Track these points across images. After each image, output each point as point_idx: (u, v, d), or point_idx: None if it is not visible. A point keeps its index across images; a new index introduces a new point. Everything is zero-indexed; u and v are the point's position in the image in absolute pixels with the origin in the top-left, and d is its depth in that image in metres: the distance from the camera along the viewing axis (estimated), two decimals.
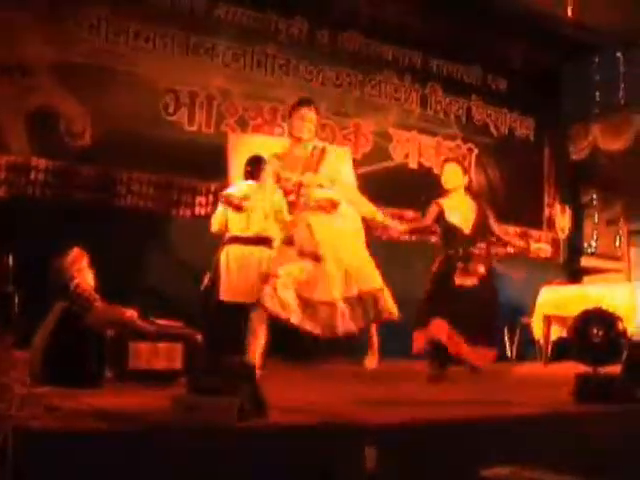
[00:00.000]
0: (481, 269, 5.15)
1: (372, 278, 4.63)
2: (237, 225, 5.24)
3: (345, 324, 4.44)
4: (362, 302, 4.54)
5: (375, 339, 4.95)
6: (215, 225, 5.37)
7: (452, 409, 3.36)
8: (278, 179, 4.57)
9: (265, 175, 4.65)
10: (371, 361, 4.98)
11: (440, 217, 5.25)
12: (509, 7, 7.33)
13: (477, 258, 5.20)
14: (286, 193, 4.66)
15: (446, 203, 5.27)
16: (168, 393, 2.83)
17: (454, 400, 3.73)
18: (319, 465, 2.47)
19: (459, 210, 5.25)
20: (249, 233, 5.22)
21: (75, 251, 3.97)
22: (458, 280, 5.07)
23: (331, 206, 4.57)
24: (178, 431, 2.45)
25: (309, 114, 4.60)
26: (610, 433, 3.25)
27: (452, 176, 5.29)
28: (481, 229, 5.29)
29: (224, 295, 5.15)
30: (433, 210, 5.29)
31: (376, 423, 2.81)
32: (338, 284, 4.46)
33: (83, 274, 3.92)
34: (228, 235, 5.28)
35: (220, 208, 5.36)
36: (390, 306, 4.66)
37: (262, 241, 5.22)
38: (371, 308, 4.56)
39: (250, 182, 5.21)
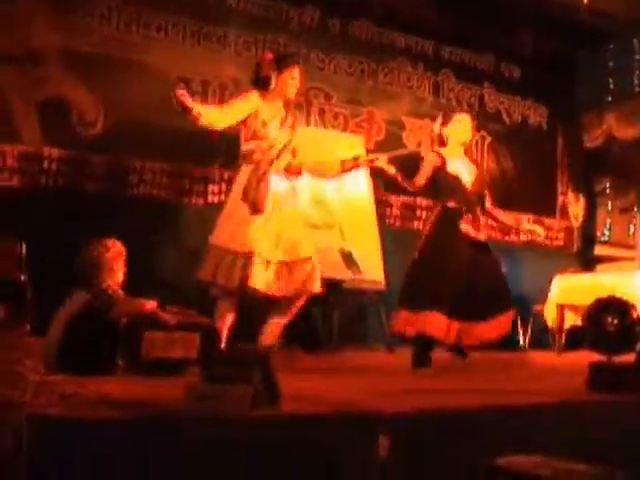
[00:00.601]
0: (483, 233, 4.70)
1: (299, 249, 4.30)
2: None
3: (257, 282, 4.14)
4: (285, 270, 4.25)
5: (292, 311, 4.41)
6: None
7: (465, 398, 3.35)
8: (256, 117, 4.32)
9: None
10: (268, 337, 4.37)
11: (440, 169, 4.71)
12: None
13: (481, 218, 4.73)
14: (257, 137, 4.34)
15: (447, 153, 4.77)
16: (182, 382, 2.83)
17: (467, 389, 3.72)
18: (334, 454, 2.47)
19: (462, 164, 4.79)
20: None
21: (117, 247, 3.81)
22: (464, 227, 4.59)
23: (295, 171, 4.49)
24: (191, 419, 2.45)
25: (295, 73, 4.42)
26: (625, 422, 3.23)
27: (459, 127, 4.80)
28: (480, 191, 4.82)
29: None
30: (434, 160, 4.74)
31: (389, 412, 2.80)
32: (267, 241, 4.21)
33: (116, 273, 3.78)
34: None
35: None
36: (314, 278, 4.30)
37: None
38: (293, 277, 4.26)
39: None
